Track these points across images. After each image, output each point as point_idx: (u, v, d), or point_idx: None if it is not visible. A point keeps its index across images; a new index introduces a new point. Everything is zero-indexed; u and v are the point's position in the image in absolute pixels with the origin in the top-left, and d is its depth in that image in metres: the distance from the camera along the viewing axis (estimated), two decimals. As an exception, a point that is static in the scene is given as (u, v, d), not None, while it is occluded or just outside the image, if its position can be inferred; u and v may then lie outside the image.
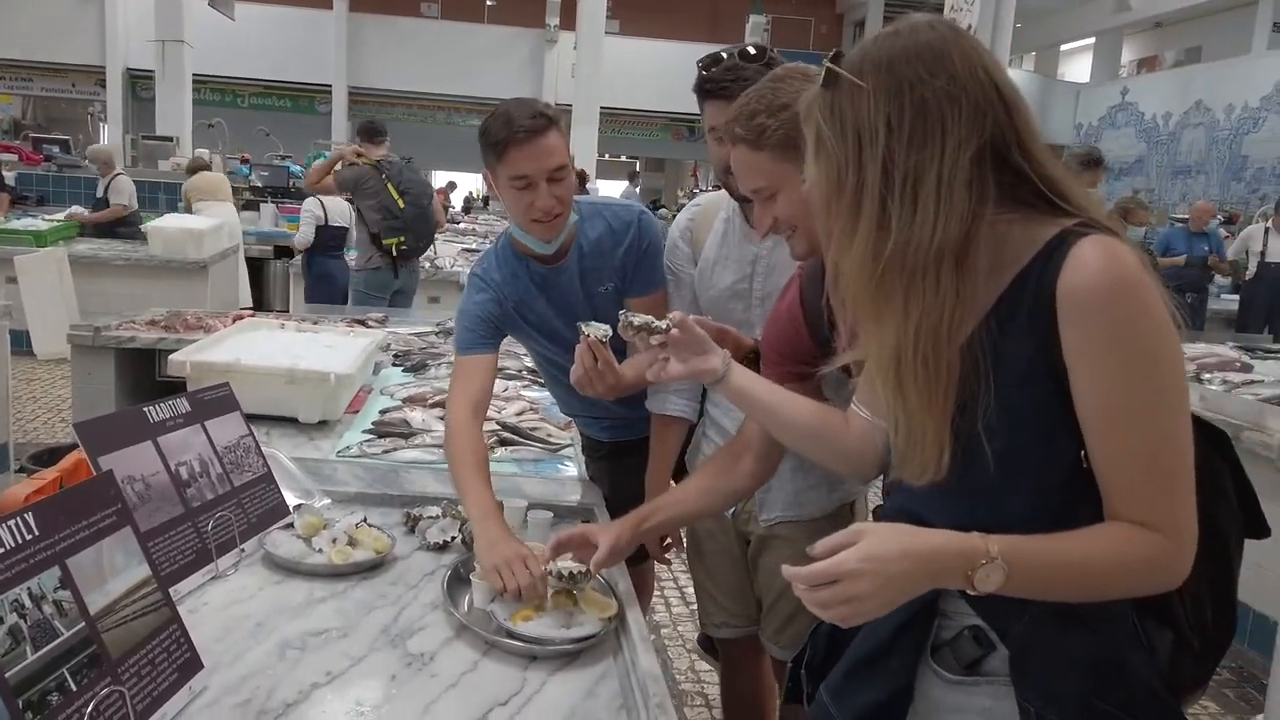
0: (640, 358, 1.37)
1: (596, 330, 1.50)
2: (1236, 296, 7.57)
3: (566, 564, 1.44)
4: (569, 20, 13.60)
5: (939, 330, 0.98)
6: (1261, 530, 1.12)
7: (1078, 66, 18.41)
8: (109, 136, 15.89)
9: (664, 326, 1.31)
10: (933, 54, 0.98)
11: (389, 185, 5.35)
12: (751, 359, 1.75)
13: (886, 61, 0.99)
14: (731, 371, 1.32)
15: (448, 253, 7.14)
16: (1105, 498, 0.98)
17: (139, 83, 16.35)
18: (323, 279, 6.04)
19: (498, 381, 2.70)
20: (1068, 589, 0.98)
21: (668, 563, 2.19)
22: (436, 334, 3.67)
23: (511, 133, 1.73)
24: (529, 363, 2.70)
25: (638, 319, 1.33)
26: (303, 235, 5.99)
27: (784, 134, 1.42)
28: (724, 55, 1.75)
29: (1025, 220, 1.01)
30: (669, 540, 2.10)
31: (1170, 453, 0.96)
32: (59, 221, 7.55)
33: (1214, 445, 1.10)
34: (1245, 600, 3.14)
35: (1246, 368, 3.95)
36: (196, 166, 8.29)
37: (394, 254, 5.40)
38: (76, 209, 7.94)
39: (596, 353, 1.53)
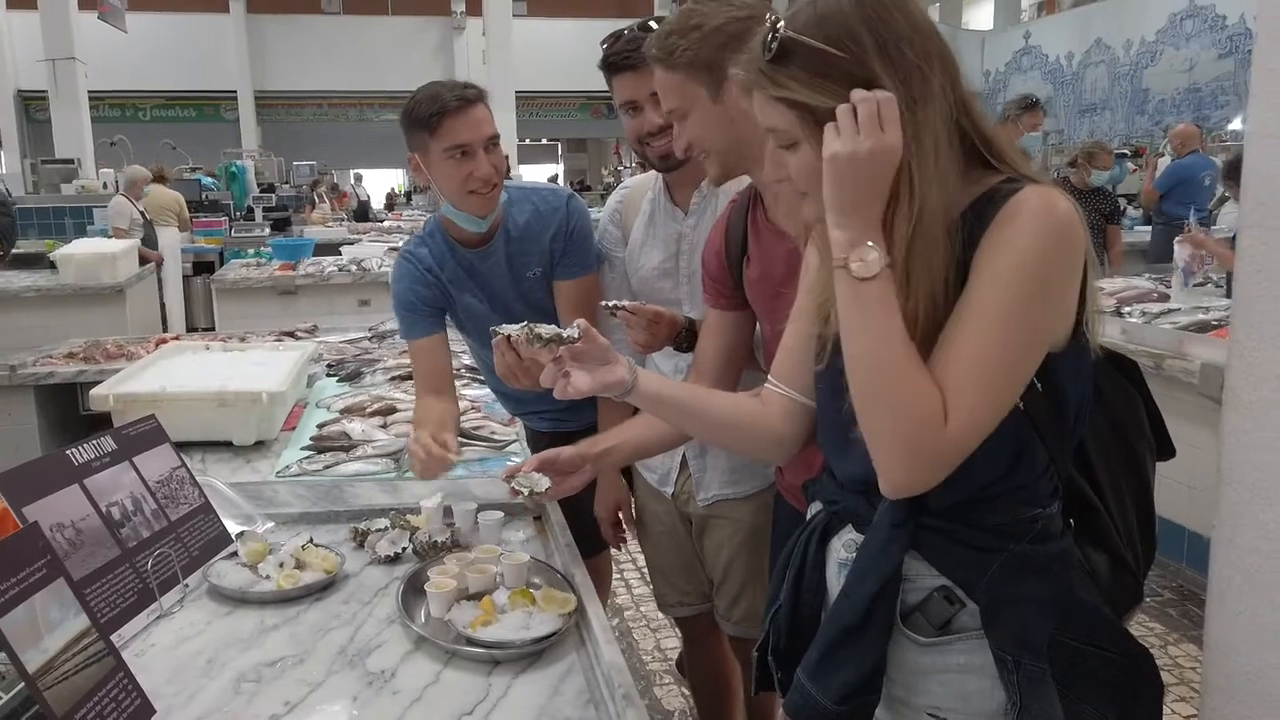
0: (546, 372, 1.27)
1: (506, 329, 1.46)
2: (1149, 228, 7.78)
3: (546, 326, 1.29)
4: (475, 6, 13.36)
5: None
6: (1167, 452, 1.20)
7: (981, 14, 18.69)
8: (6, 163, 15.20)
9: (575, 336, 1.22)
10: (892, 4, 0.99)
11: None
12: (685, 336, 1.75)
13: (845, 18, 0.98)
14: (639, 379, 1.26)
15: (374, 252, 6.62)
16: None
17: (32, 104, 15.65)
18: None
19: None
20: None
21: (620, 547, 2.20)
22: (369, 339, 3.59)
23: (444, 104, 1.75)
24: (468, 360, 2.68)
25: (545, 330, 1.24)
26: None
27: (693, 54, 1.42)
28: (625, 31, 1.76)
29: (964, 177, 1.02)
30: (622, 526, 2.11)
31: (994, 354, 0.96)
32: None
33: (1126, 374, 1.16)
34: (1180, 521, 3.26)
35: (1164, 297, 4.08)
36: (155, 176, 7.91)
37: None
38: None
39: (511, 350, 1.52)
